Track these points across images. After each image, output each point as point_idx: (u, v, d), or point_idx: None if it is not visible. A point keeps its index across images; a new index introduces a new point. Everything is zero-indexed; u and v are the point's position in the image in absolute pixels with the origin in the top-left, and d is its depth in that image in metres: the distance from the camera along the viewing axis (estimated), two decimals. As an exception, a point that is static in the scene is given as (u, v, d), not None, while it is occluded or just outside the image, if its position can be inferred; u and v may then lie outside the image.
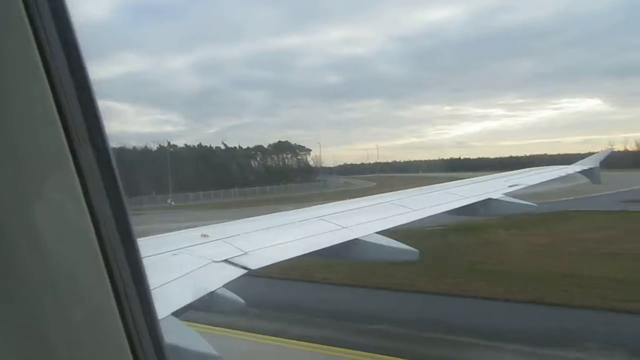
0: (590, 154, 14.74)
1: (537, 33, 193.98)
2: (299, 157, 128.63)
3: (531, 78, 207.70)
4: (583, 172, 11.36)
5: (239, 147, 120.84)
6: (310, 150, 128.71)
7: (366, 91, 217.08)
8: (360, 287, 13.63)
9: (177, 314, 2.70)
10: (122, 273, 0.90)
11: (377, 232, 4.74)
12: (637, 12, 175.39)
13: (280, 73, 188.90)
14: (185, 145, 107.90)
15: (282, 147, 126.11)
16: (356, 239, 4.42)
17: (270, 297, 12.82)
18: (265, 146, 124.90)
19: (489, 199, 6.66)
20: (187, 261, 3.48)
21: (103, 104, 0.91)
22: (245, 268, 3.53)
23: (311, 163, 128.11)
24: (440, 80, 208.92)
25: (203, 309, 3.20)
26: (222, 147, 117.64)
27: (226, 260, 3.59)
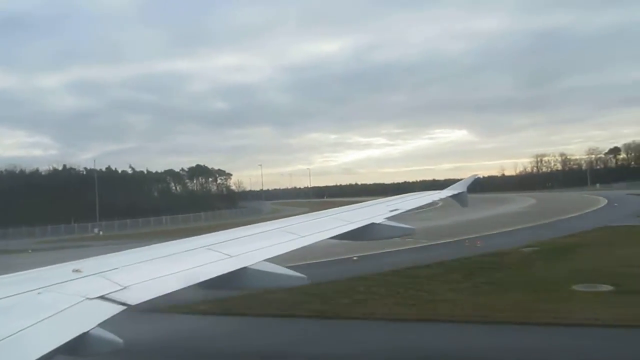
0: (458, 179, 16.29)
1: (408, 69, 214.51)
2: (218, 182, 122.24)
3: (407, 110, 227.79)
4: (453, 196, 12.52)
5: (147, 171, 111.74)
6: (231, 174, 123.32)
7: (255, 118, 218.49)
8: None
9: (42, 360, 2.44)
10: None
11: (266, 260, 4.74)
12: (484, 58, 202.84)
13: (165, 97, 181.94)
14: (85, 168, 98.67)
15: (199, 171, 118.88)
16: (244, 268, 4.38)
17: (155, 333, 12.00)
18: (177, 170, 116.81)
19: (372, 224, 7.03)
20: (56, 300, 3.16)
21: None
22: (124, 304, 3.30)
23: (233, 188, 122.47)
24: (326, 109, 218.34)
25: (75, 353, 2.92)
26: (129, 170, 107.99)
27: (102, 297, 3.33)
